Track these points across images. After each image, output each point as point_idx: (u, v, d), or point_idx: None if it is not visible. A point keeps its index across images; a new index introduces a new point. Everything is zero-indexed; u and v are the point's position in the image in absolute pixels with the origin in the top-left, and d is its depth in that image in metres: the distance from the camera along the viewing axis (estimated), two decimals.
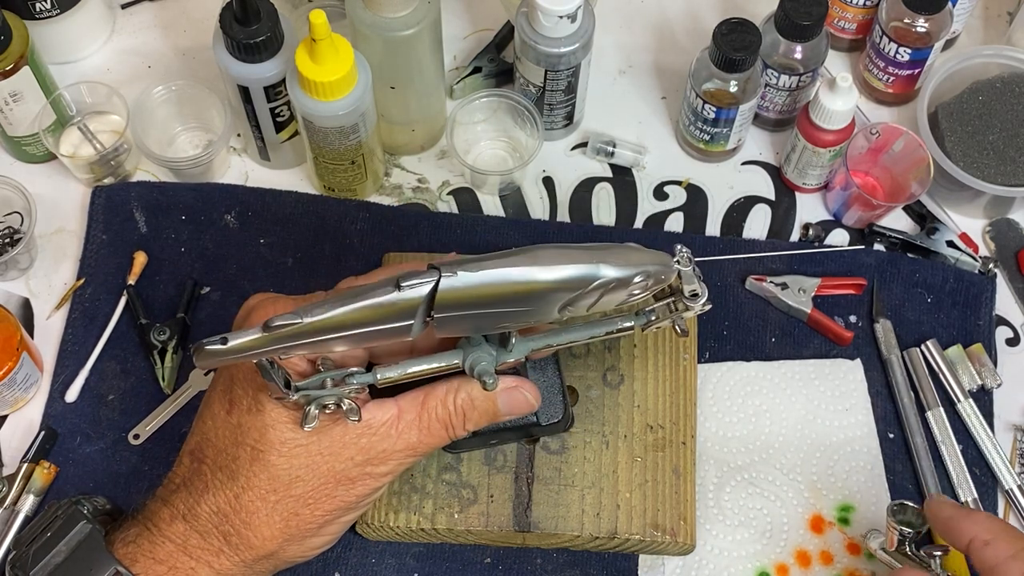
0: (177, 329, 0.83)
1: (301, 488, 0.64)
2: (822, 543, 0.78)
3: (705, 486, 0.80)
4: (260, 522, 0.64)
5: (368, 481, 0.66)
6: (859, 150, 0.89)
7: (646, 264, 0.62)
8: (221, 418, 0.65)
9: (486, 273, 0.58)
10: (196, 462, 0.66)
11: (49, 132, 0.88)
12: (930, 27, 0.88)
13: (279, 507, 0.64)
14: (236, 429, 0.64)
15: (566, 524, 0.74)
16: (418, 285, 0.57)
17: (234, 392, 0.65)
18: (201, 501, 0.64)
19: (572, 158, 0.94)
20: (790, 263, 0.88)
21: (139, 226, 0.88)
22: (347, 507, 0.66)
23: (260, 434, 0.64)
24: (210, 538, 0.64)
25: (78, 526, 0.64)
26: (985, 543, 0.63)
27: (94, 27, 0.96)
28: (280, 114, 0.85)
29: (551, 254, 0.60)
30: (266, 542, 0.65)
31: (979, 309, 0.87)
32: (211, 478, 0.65)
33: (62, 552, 0.64)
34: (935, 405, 0.83)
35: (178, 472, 0.67)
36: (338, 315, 0.57)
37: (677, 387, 0.78)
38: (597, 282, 0.61)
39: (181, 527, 0.64)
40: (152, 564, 0.63)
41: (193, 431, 0.67)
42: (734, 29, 0.83)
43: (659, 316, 0.69)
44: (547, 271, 0.59)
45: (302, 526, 0.65)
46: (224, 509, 0.64)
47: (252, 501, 0.64)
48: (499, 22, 0.97)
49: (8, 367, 0.78)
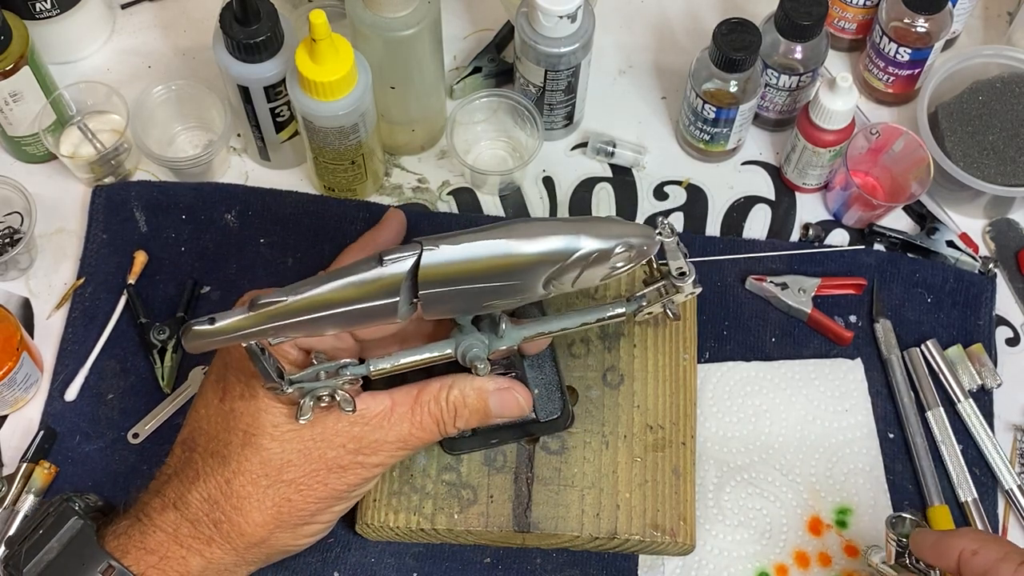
0: (177, 328, 0.83)
1: (293, 473, 0.65)
2: (820, 545, 0.78)
3: (705, 486, 0.80)
4: (251, 507, 0.65)
5: (359, 471, 0.66)
6: (859, 150, 0.89)
7: (628, 235, 0.62)
8: (214, 406, 0.66)
9: (468, 246, 0.59)
10: (188, 451, 0.66)
11: (49, 132, 0.88)
12: (930, 27, 0.88)
13: (270, 492, 0.65)
14: (228, 415, 0.65)
15: (566, 524, 0.74)
16: (400, 259, 0.58)
17: (227, 380, 0.65)
18: (192, 489, 0.65)
19: (572, 158, 0.94)
20: (790, 263, 0.88)
21: (139, 225, 0.88)
22: (338, 496, 0.67)
23: (253, 418, 0.64)
24: (201, 526, 0.65)
25: (69, 522, 0.65)
26: (973, 552, 0.63)
27: (94, 27, 0.96)
28: (280, 114, 0.85)
29: (532, 227, 0.61)
30: (257, 528, 0.65)
31: (979, 309, 0.87)
32: (202, 465, 0.65)
33: (54, 549, 0.64)
34: (935, 405, 0.83)
35: (170, 463, 0.67)
36: (323, 292, 0.57)
37: (677, 387, 0.78)
38: (578, 253, 0.61)
39: (172, 516, 0.65)
40: (143, 554, 0.64)
41: (186, 422, 0.68)
42: (734, 29, 0.83)
43: (650, 300, 0.70)
44: (528, 243, 0.60)
45: (293, 512, 0.66)
46: (215, 496, 0.65)
47: (243, 486, 0.64)
48: (499, 22, 0.97)
49: (8, 367, 0.78)
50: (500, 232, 0.60)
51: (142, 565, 0.64)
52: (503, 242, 0.60)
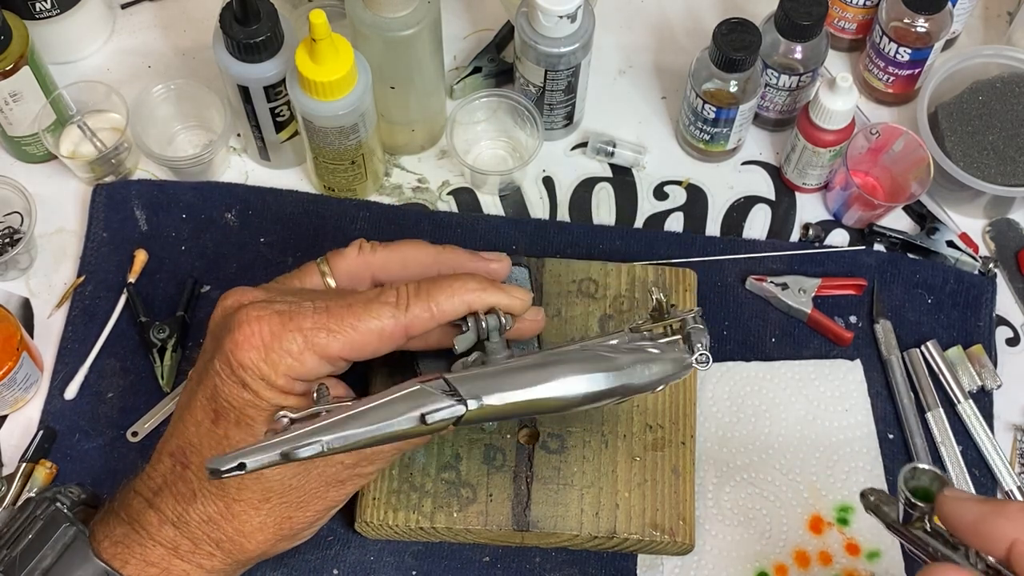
0: (177, 327, 0.83)
1: (293, 496, 0.65)
2: (821, 543, 0.78)
3: (704, 486, 0.80)
4: (253, 529, 0.65)
5: (357, 480, 0.67)
6: (859, 150, 0.89)
7: (667, 373, 0.66)
8: (206, 427, 0.64)
9: (509, 395, 0.60)
10: (180, 466, 0.65)
11: (49, 132, 0.88)
12: (930, 27, 0.88)
13: (272, 513, 0.65)
14: (223, 439, 0.64)
15: (565, 523, 0.74)
16: (443, 420, 0.59)
17: (219, 403, 0.64)
18: (190, 508, 0.64)
19: (572, 158, 0.94)
20: (790, 263, 0.88)
21: (140, 224, 0.88)
22: (336, 504, 0.68)
23: None
24: (202, 544, 0.64)
25: (61, 528, 0.63)
26: None
27: (94, 27, 0.96)
28: (280, 114, 0.85)
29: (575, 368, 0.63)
30: (259, 545, 0.65)
31: (979, 310, 0.87)
32: (198, 485, 0.64)
33: (48, 556, 0.63)
34: (935, 406, 0.83)
35: (158, 470, 0.66)
36: (359, 439, 0.57)
37: (677, 387, 0.78)
38: (615, 398, 0.64)
39: (171, 532, 0.64)
40: (145, 567, 0.63)
41: (173, 432, 0.66)
42: (734, 29, 0.83)
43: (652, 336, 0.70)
44: (571, 388, 0.62)
45: (294, 527, 0.66)
46: (215, 517, 0.64)
47: (245, 511, 0.64)
48: (499, 22, 0.97)
49: (8, 367, 0.78)
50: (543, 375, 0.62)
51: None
52: (543, 388, 0.61)
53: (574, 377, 0.62)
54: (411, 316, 0.64)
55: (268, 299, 0.64)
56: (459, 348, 0.66)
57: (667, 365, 0.66)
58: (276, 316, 0.63)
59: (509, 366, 0.62)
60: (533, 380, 0.61)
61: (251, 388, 0.62)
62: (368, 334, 0.63)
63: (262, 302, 0.64)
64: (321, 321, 0.63)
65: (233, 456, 0.54)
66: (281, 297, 0.65)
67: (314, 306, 0.63)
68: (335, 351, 0.63)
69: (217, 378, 0.63)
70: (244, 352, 0.62)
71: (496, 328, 0.66)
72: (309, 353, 0.62)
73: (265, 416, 0.63)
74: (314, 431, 0.56)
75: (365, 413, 0.57)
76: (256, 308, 0.63)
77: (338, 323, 0.63)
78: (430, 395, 0.58)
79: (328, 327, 0.63)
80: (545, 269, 0.82)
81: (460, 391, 0.59)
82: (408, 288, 0.65)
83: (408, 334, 0.65)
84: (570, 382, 0.62)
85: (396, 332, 0.64)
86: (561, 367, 0.62)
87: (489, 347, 0.66)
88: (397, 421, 0.57)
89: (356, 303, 0.64)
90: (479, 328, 0.66)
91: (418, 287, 0.65)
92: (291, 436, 0.56)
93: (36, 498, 0.66)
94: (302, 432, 0.56)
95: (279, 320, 0.62)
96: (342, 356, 0.64)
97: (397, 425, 0.57)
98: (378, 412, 0.57)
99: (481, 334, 0.66)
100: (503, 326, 0.66)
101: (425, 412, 0.58)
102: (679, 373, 0.67)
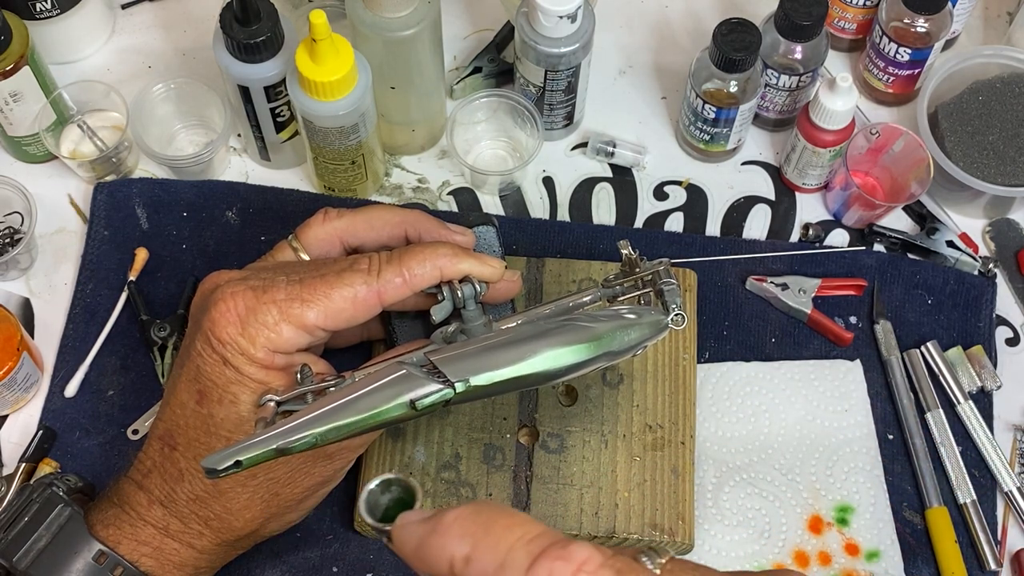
0: (177, 325, 0.83)
1: (280, 471, 0.65)
2: (820, 543, 0.78)
3: (704, 486, 0.80)
4: (240, 506, 0.65)
5: (345, 454, 0.67)
6: (859, 150, 0.89)
7: (645, 337, 0.66)
8: (191, 408, 0.65)
9: (494, 374, 0.60)
10: (168, 448, 0.66)
11: (49, 132, 0.88)
12: (930, 27, 0.88)
13: (259, 490, 0.65)
14: (208, 419, 0.65)
15: (564, 523, 0.74)
16: (432, 404, 0.59)
17: (202, 383, 0.65)
18: (178, 488, 0.65)
19: (572, 158, 0.94)
20: (790, 263, 0.88)
21: (141, 222, 0.88)
22: (325, 481, 0.68)
23: (235, 426, 0.64)
24: (190, 523, 0.65)
25: (56, 509, 0.65)
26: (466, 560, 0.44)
27: (94, 27, 0.96)
28: (280, 114, 0.85)
29: (557, 341, 0.63)
30: (247, 523, 0.66)
31: (979, 311, 0.87)
32: (185, 465, 0.65)
33: (44, 536, 0.64)
34: (935, 407, 0.83)
35: (148, 454, 0.67)
36: (351, 428, 0.58)
37: (676, 387, 0.78)
38: (597, 364, 0.64)
39: (160, 512, 0.65)
40: (137, 545, 0.64)
41: (160, 417, 0.68)
42: (734, 29, 0.83)
43: (625, 292, 0.71)
44: (555, 361, 0.62)
45: (282, 505, 0.67)
46: (203, 496, 0.65)
47: (231, 488, 0.65)
48: (499, 22, 0.98)
49: (8, 367, 0.78)
50: (525, 350, 0.62)
51: (135, 554, 0.64)
52: (527, 363, 0.61)
53: (557, 350, 0.62)
54: (383, 282, 0.65)
55: (243, 277, 0.66)
56: (436, 318, 0.67)
57: (644, 329, 0.66)
58: (250, 291, 0.64)
59: (491, 342, 0.62)
60: (517, 356, 0.61)
61: (232, 364, 0.64)
62: (342, 301, 0.64)
63: (237, 280, 0.65)
64: (295, 292, 0.64)
65: (228, 454, 0.55)
66: (256, 274, 0.66)
67: (288, 279, 0.65)
68: (311, 320, 0.64)
69: (199, 358, 0.65)
70: (221, 328, 0.63)
71: (472, 296, 0.67)
72: (285, 324, 0.64)
73: (248, 393, 0.64)
74: (306, 423, 0.57)
75: (355, 401, 0.58)
76: (231, 285, 0.65)
77: (311, 292, 0.64)
78: (417, 379, 0.59)
79: (302, 297, 0.64)
80: (545, 269, 0.82)
81: (446, 373, 0.60)
82: (381, 256, 0.66)
83: (382, 301, 0.66)
84: (554, 355, 0.62)
85: (370, 299, 0.65)
86: (543, 340, 0.63)
87: (466, 315, 0.67)
88: (387, 408, 0.58)
89: (329, 272, 0.65)
90: (455, 297, 0.67)
91: (390, 255, 0.66)
92: (284, 430, 0.56)
93: (33, 484, 0.67)
94: (294, 425, 0.57)
95: (253, 295, 0.64)
96: (318, 325, 0.65)
97: (387, 412, 0.58)
98: (367, 399, 0.58)
99: (457, 303, 0.67)
100: (478, 293, 0.67)
101: (414, 398, 0.58)
102: (657, 335, 0.67)
